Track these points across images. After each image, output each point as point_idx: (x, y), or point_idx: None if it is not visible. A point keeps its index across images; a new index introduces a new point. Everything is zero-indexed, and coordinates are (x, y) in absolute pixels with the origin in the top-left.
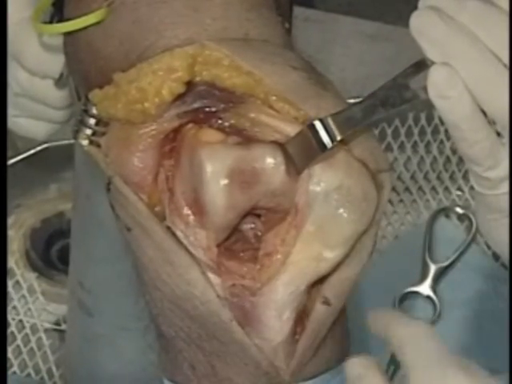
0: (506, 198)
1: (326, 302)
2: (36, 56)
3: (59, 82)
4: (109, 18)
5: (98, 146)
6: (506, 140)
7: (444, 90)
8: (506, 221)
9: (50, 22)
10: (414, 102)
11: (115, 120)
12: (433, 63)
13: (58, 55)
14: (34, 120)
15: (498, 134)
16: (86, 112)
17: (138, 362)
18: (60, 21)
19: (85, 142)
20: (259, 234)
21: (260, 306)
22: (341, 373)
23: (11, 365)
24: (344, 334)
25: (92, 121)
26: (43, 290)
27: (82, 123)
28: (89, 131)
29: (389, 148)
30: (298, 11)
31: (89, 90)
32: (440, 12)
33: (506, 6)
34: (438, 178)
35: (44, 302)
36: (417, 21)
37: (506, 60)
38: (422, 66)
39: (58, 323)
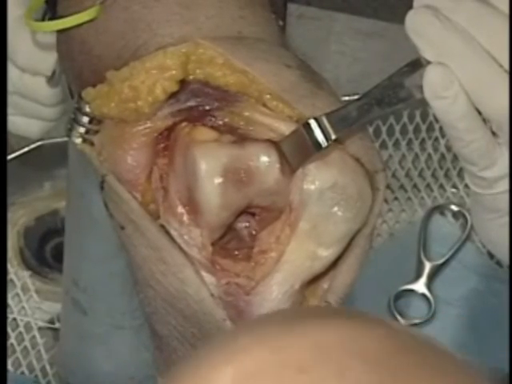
0: (502, 197)
1: None
2: (28, 53)
3: (52, 79)
4: (102, 16)
5: (92, 144)
6: (502, 140)
7: (440, 90)
8: (503, 220)
9: (43, 20)
10: (409, 101)
11: (108, 118)
12: (428, 62)
13: (50, 53)
14: (27, 118)
15: (494, 134)
16: (79, 110)
17: (132, 361)
18: (53, 18)
19: (78, 141)
20: (253, 232)
21: (254, 304)
22: None
23: None
24: None
25: (85, 119)
26: (37, 289)
27: (75, 121)
28: (82, 129)
29: (383, 145)
30: (292, 8)
31: (82, 89)
32: (436, 11)
33: (503, 7)
34: (433, 175)
35: (38, 301)
36: (412, 20)
37: (502, 60)
38: (417, 64)
39: (51, 321)
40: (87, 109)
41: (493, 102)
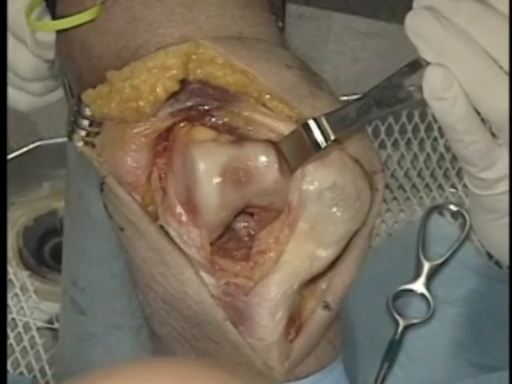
0: (502, 198)
1: (327, 307)
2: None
3: (53, 67)
4: (102, 16)
5: (93, 145)
6: (502, 141)
7: (439, 91)
8: (502, 221)
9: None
10: (408, 101)
11: (109, 119)
12: (428, 63)
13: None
14: (14, 89)
15: (493, 135)
16: (79, 113)
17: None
18: (54, 18)
19: (80, 144)
20: (252, 232)
21: (253, 305)
22: (333, 372)
23: None
24: (337, 333)
25: (85, 122)
26: (36, 289)
27: (76, 125)
28: (83, 133)
29: (382, 145)
30: (292, 8)
31: (82, 90)
32: (436, 12)
33: (502, 8)
34: (432, 175)
35: (37, 301)
36: (412, 21)
37: (502, 61)
38: (416, 65)
39: (50, 322)
40: (87, 112)
41: (492, 103)
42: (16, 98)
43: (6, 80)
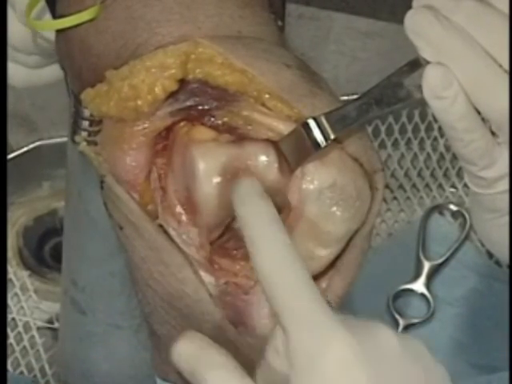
0: (502, 197)
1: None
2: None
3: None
4: (102, 15)
5: (96, 144)
6: (502, 139)
7: (439, 90)
8: (502, 220)
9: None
10: (408, 101)
11: (107, 118)
12: (427, 62)
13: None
14: (12, 63)
15: (493, 133)
16: (79, 115)
17: (131, 361)
18: (54, 16)
19: (83, 144)
20: None
21: (253, 304)
22: None
23: None
24: None
25: (85, 123)
26: (36, 288)
27: (77, 126)
28: (85, 133)
29: (382, 145)
30: (291, 8)
31: (81, 88)
32: (435, 11)
33: (502, 6)
34: (432, 175)
35: (37, 300)
36: (412, 20)
37: (502, 60)
38: (416, 64)
39: (50, 321)
40: (86, 113)
41: (492, 102)
42: (11, 71)
43: (6, 79)
